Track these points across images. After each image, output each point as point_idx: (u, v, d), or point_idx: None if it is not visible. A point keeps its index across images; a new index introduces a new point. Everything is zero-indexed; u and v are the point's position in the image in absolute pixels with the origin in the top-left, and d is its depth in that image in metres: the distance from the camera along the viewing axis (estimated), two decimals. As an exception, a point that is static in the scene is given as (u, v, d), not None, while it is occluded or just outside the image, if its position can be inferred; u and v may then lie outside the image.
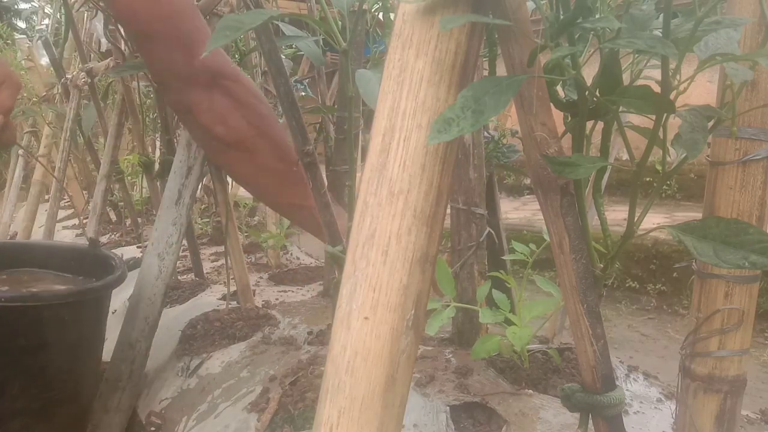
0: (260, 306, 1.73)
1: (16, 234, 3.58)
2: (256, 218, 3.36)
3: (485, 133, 1.37)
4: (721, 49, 0.56)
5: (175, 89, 0.81)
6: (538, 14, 0.57)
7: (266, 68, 1.95)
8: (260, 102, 0.92)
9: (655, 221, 3.92)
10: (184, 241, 1.84)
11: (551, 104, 0.61)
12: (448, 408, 1.02)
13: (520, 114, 0.61)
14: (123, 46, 2.13)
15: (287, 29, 1.21)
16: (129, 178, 3.07)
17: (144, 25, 0.80)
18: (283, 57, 1.40)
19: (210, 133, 0.83)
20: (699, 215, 0.72)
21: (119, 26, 1.98)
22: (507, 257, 1.33)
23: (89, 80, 2.56)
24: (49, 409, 1.25)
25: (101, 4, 1.97)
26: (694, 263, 0.77)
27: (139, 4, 0.78)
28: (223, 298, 1.78)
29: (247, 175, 0.94)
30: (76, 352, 1.31)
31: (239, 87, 0.86)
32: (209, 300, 1.85)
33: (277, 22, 1.31)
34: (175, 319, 1.78)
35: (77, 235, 3.43)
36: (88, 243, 1.54)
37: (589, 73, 0.55)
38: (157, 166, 2.28)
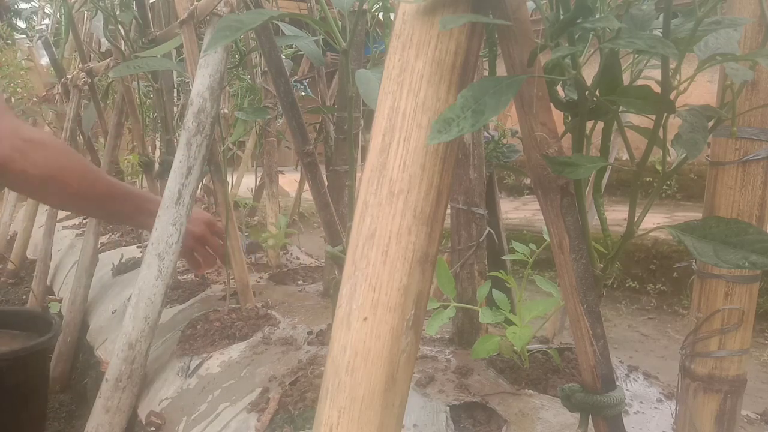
0: (260, 306, 1.73)
1: (16, 234, 3.58)
2: (256, 218, 3.36)
3: (485, 133, 1.37)
4: (721, 49, 0.56)
5: None
6: (538, 14, 0.57)
7: (266, 68, 1.95)
8: (56, 142, 1.16)
9: (655, 221, 3.92)
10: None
11: (551, 104, 0.61)
12: (448, 408, 1.03)
13: (520, 114, 0.61)
14: (123, 46, 2.13)
15: (287, 29, 1.22)
16: (129, 178, 3.07)
17: None
18: (283, 57, 1.40)
19: (25, 175, 1.03)
20: (699, 215, 0.72)
21: (120, 27, 1.98)
22: (507, 257, 1.34)
23: (89, 80, 2.56)
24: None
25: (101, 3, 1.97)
26: (694, 263, 0.77)
27: None
28: (223, 298, 1.78)
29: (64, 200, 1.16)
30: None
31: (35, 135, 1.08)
32: (209, 300, 1.85)
33: (277, 22, 1.31)
34: (175, 319, 1.78)
35: (77, 236, 3.43)
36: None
37: (589, 73, 0.55)
38: (157, 166, 2.28)
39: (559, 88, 0.62)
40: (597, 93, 0.56)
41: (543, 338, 1.42)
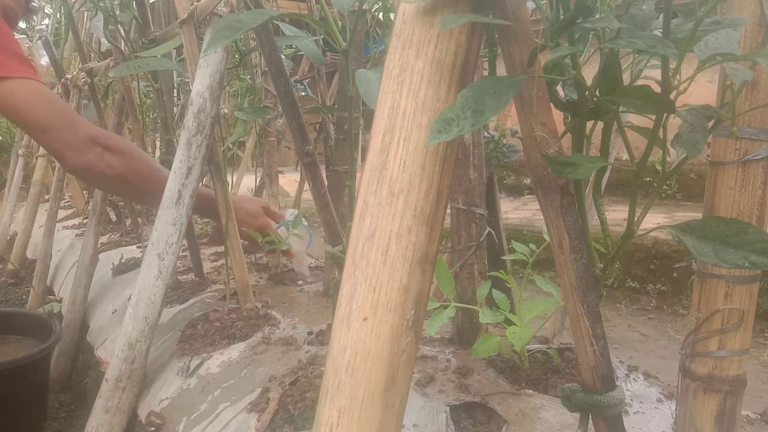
0: (260, 306, 1.73)
1: (16, 234, 3.58)
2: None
3: (485, 133, 1.37)
4: (721, 49, 0.56)
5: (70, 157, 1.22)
6: (538, 14, 0.57)
7: (266, 68, 1.95)
8: (128, 147, 1.35)
9: (655, 221, 3.92)
10: (184, 241, 1.84)
11: (551, 104, 0.61)
12: (448, 408, 1.03)
13: (520, 114, 0.61)
14: (123, 46, 2.13)
15: (287, 29, 1.21)
16: (129, 178, 3.06)
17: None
18: (283, 57, 1.40)
19: (103, 175, 1.25)
20: (699, 215, 0.72)
21: (120, 27, 1.98)
22: (507, 257, 1.34)
23: (89, 80, 2.56)
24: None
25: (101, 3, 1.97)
26: (694, 263, 0.77)
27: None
28: (223, 298, 1.78)
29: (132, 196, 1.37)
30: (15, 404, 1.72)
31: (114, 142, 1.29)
32: (209, 300, 1.85)
33: (277, 22, 1.31)
34: (175, 319, 1.78)
35: (77, 236, 3.43)
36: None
37: (589, 73, 0.55)
38: (157, 166, 2.27)
39: (559, 88, 0.62)
40: (597, 93, 0.56)
41: (543, 338, 1.42)
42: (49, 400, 2.08)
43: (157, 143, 3.68)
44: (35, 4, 1.78)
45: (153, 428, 1.31)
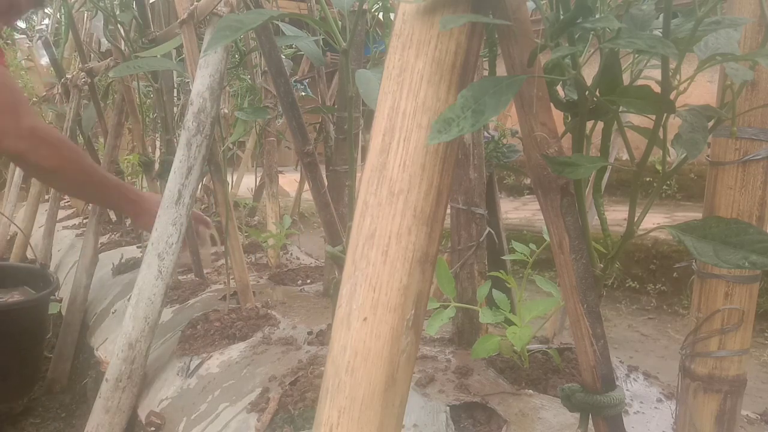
0: (260, 306, 1.73)
1: (16, 234, 3.58)
2: (256, 218, 3.36)
3: (485, 133, 1.37)
4: (721, 49, 0.56)
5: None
6: (538, 14, 0.57)
7: (266, 68, 1.95)
8: (65, 143, 1.41)
9: (655, 221, 3.91)
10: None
11: (551, 104, 0.61)
12: (448, 408, 1.03)
13: (520, 114, 0.61)
14: (123, 46, 2.13)
15: (287, 29, 1.21)
16: (129, 177, 3.07)
17: None
18: (283, 57, 1.40)
19: (39, 166, 1.31)
20: (699, 215, 0.72)
21: (120, 27, 1.98)
22: (507, 257, 1.34)
23: (89, 80, 2.56)
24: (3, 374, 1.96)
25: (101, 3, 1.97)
26: (694, 263, 0.77)
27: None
28: (223, 298, 1.78)
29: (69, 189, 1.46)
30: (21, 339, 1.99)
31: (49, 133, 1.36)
32: (209, 300, 1.85)
33: (277, 22, 1.31)
34: (174, 319, 1.78)
35: (77, 236, 3.43)
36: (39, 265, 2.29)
37: (589, 73, 0.55)
38: (157, 166, 2.28)
39: (559, 88, 0.62)
40: (597, 93, 0.56)
41: (543, 338, 1.42)
42: (48, 400, 2.09)
43: (157, 143, 3.68)
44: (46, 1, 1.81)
45: (153, 428, 1.31)
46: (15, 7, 1.44)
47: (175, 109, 2.53)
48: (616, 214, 3.93)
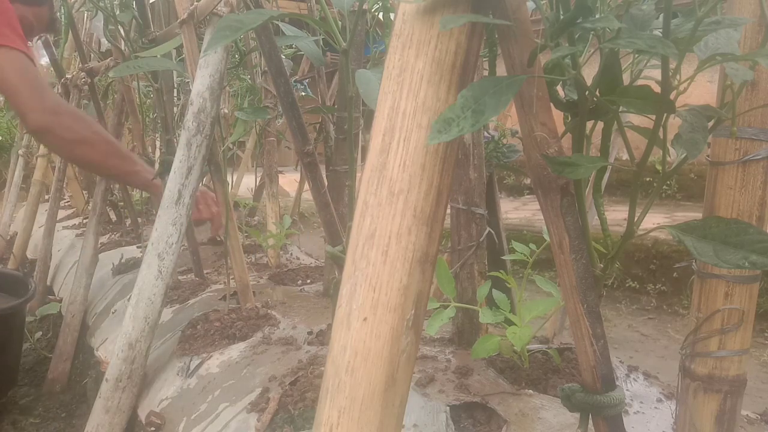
0: (260, 306, 1.73)
1: (16, 234, 3.58)
2: (256, 218, 3.36)
3: (485, 133, 1.37)
4: (721, 49, 0.56)
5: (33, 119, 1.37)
6: (538, 14, 0.57)
7: (266, 68, 1.95)
8: (88, 118, 1.54)
9: (655, 221, 3.91)
10: (184, 241, 1.84)
11: (551, 104, 0.61)
12: (448, 408, 1.02)
13: (520, 114, 0.61)
14: (123, 46, 2.13)
15: (287, 29, 1.21)
16: (129, 178, 3.06)
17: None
18: (283, 57, 1.40)
19: (64, 139, 1.41)
20: (699, 215, 0.72)
21: (120, 27, 1.98)
22: (507, 257, 1.34)
23: (89, 80, 2.56)
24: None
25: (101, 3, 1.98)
26: (694, 263, 0.77)
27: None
28: (223, 298, 1.78)
29: (93, 159, 1.49)
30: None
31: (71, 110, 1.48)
32: (209, 300, 1.85)
33: (277, 22, 1.31)
34: (174, 319, 1.78)
35: (77, 236, 3.43)
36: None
37: (589, 73, 0.55)
38: (157, 166, 2.28)
39: (559, 88, 0.62)
40: (597, 93, 0.56)
41: (543, 338, 1.42)
42: (47, 403, 2.09)
43: (157, 143, 3.68)
44: (59, 26, 1.91)
45: (153, 428, 1.31)
46: (28, 31, 1.57)
47: (175, 109, 2.53)
48: (616, 214, 3.93)
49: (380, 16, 1.69)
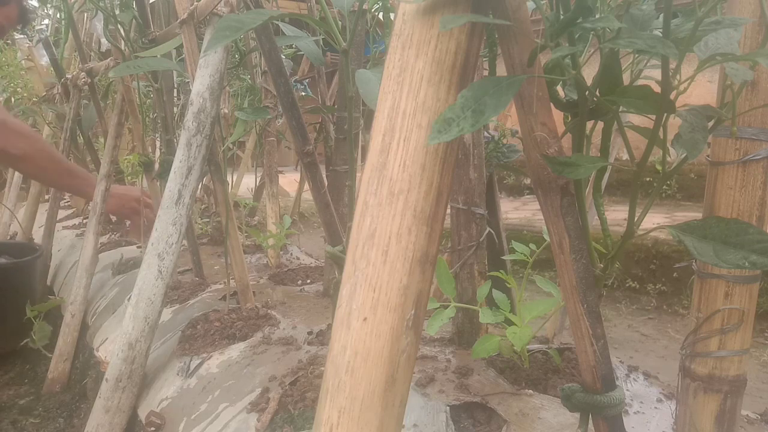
0: (260, 306, 1.73)
1: (16, 234, 3.58)
2: (256, 218, 3.36)
3: (485, 133, 1.37)
4: (721, 49, 0.56)
5: None
6: (538, 14, 0.57)
7: (266, 68, 1.95)
8: (33, 134, 1.66)
9: (655, 221, 3.91)
10: (184, 241, 1.84)
11: (551, 104, 0.61)
12: (448, 408, 1.03)
13: (520, 114, 0.61)
14: (123, 46, 2.13)
15: (287, 29, 1.21)
16: (129, 178, 3.07)
17: None
18: (283, 57, 1.40)
19: (9, 154, 1.51)
20: (699, 215, 0.72)
21: (120, 27, 1.98)
22: (507, 257, 1.33)
23: (89, 80, 2.56)
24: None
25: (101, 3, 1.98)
26: (694, 263, 0.77)
27: None
28: (223, 298, 1.78)
29: (36, 175, 1.65)
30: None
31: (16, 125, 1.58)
32: (209, 300, 1.85)
33: (277, 22, 1.31)
34: (174, 319, 1.78)
35: (77, 236, 3.43)
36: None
37: (589, 73, 0.55)
38: (157, 166, 2.28)
39: (559, 88, 0.62)
40: (597, 93, 0.56)
41: (543, 338, 1.42)
42: (46, 400, 2.09)
43: (157, 143, 3.68)
44: (31, 15, 1.94)
45: (153, 428, 1.31)
46: None
47: (175, 109, 2.53)
48: (616, 214, 3.93)
49: (380, 16, 1.69)
